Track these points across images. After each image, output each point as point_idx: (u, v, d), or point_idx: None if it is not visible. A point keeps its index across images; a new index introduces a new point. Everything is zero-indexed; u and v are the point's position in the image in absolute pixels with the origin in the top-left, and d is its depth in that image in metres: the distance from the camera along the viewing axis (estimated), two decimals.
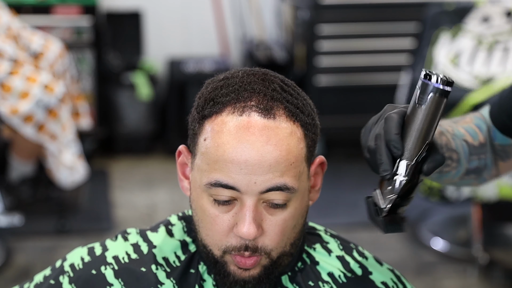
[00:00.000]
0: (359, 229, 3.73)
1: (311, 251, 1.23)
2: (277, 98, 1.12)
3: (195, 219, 1.17)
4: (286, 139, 1.10)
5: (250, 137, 1.09)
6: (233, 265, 1.14)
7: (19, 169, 3.80)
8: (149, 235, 1.25)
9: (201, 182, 1.12)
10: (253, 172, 1.09)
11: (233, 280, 1.14)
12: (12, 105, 3.32)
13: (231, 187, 1.09)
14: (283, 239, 1.13)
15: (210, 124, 1.12)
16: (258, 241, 1.12)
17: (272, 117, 1.10)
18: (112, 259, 1.22)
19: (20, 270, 3.39)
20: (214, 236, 1.13)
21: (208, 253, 1.16)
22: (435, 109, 1.07)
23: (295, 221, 1.14)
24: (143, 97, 4.68)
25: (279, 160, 1.09)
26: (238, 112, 1.10)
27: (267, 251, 1.13)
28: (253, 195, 1.10)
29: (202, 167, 1.12)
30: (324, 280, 1.21)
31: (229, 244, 1.12)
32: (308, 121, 1.14)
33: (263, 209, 1.11)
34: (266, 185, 1.09)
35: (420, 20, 3.75)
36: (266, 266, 1.14)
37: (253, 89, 1.12)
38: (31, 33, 3.74)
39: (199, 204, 1.14)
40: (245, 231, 1.09)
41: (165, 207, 4.09)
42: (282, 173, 1.10)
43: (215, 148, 1.10)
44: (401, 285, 1.25)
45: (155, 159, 4.75)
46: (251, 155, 1.08)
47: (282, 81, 1.16)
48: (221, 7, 4.98)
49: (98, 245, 1.26)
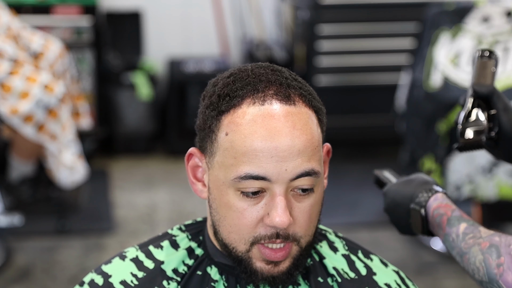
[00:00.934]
0: (359, 229, 3.74)
1: (318, 247, 1.24)
2: (293, 86, 1.13)
3: (215, 219, 1.15)
4: (309, 124, 1.11)
5: (277, 124, 1.09)
6: (260, 261, 1.12)
7: (19, 169, 3.80)
8: (153, 251, 1.22)
9: (227, 178, 1.11)
10: (283, 159, 1.08)
11: (261, 278, 1.13)
12: (12, 105, 3.32)
13: (262, 177, 1.09)
14: (310, 226, 1.14)
15: (229, 118, 1.11)
16: (289, 229, 1.11)
17: (293, 104, 1.11)
18: (120, 285, 1.19)
19: (20, 270, 3.39)
20: (240, 231, 1.12)
21: (230, 252, 1.14)
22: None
23: (319, 207, 1.15)
24: (143, 97, 4.68)
25: (307, 144, 1.10)
26: (260, 102, 1.11)
27: (297, 238, 1.12)
28: (283, 183, 1.09)
29: (227, 162, 1.11)
30: (329, 273, 1.21)
31: (257, 234, 1.11)
32: (320, 106, 1.16)
33: (292, 197, 1.11)
34: (296, 172, 1.09)
35: (420, 20, 3.75)
36: (295, 257, 1.13)
37: (268, 80, 1.13)
38: (31, 33, 3.74)
39: (223, 201, 1.12)
40: (278, 220, 1.09)
41: (165, 207, 4.09)
42: (309, 158, 1.10)
43: (242, 139, 1.09)
44: (405, 286, 1.25)
45: (155, 159, 4.74)
46: (281, 141, 1.08)
47: (289, 71, 1.18)
48: (221, 7, 4.98)
49: (96, 275, 1.21)
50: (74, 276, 3.31)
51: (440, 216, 1.28)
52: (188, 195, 4.13)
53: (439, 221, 1.28)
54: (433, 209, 1.30)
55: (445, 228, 1.26)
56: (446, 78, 3.30)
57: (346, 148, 4.76)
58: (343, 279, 1.20)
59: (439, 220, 1.28)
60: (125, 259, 1.21)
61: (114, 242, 3.65)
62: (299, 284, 1.19)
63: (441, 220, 1.28)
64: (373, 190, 4.19)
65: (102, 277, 1.20)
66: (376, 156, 4.68)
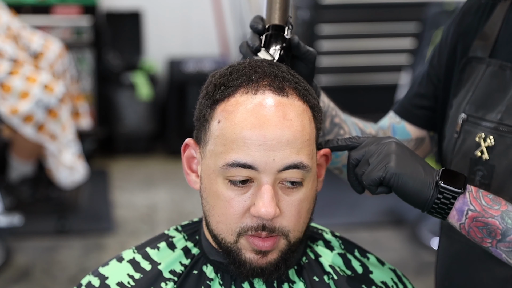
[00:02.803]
0: (359, 229, 3.74)
1: (314, 246, 1.24)
2: (288, 79, 1.13)
3: (206, 209, 1.15)
4: (301, 116, 1.11)
5: (268, 113, 1.09)
6: (249, 251, 1.12)
7: (19, 169, 3.80)
8: (150, 252, 1.22)
9: (216, 165, 1.11)
10: (271, 148, 1.08)
11: (250, 268, 1.12)
12: (12, 105, 3.32)
13: (250, 165, 1.09)
14: (299, 221, 1.13)
15: (222, 107, 1.12)
16: (275, 221, 1.11)
17: (285, 95, 1.11)
18: (117, 286, 1.19)
19: (20, 270, 3.39)
20: (227, 220, 1.12)
21: (220, 242, 1.14)
22: None
23: (309, 204, 1.14)
24: (143, 97, 4.68)
25: (296, 135, 1.10)
26: (252, 91, 1.11)
27: (285, 232, 1.12)
28: (270, 174, 1.09)
29: (217, 150, 1.11)
30: (326, 271, 1.21)
31: (244, 225, 1.11)
32: (315, 103, 1.16)
33: (279, 190, 1.11)
34: (284, 163, 1.09)
35: (420, 20, 3.75)
36: (283, 251, 1.13)
37: (264, 71, 1.13)
38: (31, 33, 3.74)
39: (212, 190, 1.13)
40: (264, 211, 1.08)
41: (165, 207, 4.09)
42: (298, 150, 1.10)
43: (232, 127, 1.10)
44: (401, 285, 1.25)
45: (155, 159, 4.74)
46: (270, 130, 1.08)
47: (288, 67, 1.18)
48: (221, 7, 4.98)
49: (93, 277, 1.21)
50: (74, 276, 3.31)
51: (494, 195, 1.17)
52: (188, 195, 4.13)
53: (492, 197, 1.15)
54: (475, 187, 1.17)
55: (507, 205, 1.15)
56: None
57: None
58: (339, 277, 1.20)
59: (492, 197, 1.16)
60: (122, 261, 1.22)
61: (114, 242, 3.66)
62: (294, 282, 1.19)
63: (495, 197, 1.16)
64: None
65: (99, 279, 1.20)
66: None
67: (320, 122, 1.17)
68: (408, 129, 1.42)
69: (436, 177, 1.14)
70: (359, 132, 1.38)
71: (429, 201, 1.13)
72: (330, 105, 1.35)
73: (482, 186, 1.25)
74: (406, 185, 1.13)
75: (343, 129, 1.36)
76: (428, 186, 1.13)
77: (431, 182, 1.13)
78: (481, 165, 1.26)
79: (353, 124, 1.39)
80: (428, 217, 3.86)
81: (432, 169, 1.16)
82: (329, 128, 1.34)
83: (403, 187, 1.13)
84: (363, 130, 1.40)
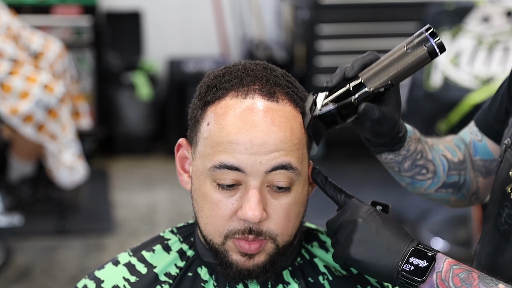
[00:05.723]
0: None
1: (309, 247, 1.24)
2: (280, 84, 1.13)
3: (195, 210, 1.16)
4: (290, 121, 1.11)
5: (255, 118, 1.09)
6: (236, 253, 1.12)
7: (19, 169, 3.80)
8: (145, 255, 1.22)
9: (205, 167, 1.12)
10: (258, 152, 1.08)
11: (237, 271, 1.13)
12: (12, 105, 3.32)
13: (236, 168, 1.09)
14: (288, 225, 1.13)
15: (213, 109, 1.12)
16: (262, 225, 1.11)
17: (275, 100, 1.12)
18: None
19: (20, 270, 3.39)
20: (215, 222, 1.12)
21: (208, 243, 1.14)
22: (417, 60, 1.16)
23: (298, 208, 1.14)
24: (143, 97, 4.68)
25: (284, 140, 1.10)
26: (242, 95, 1.11)
27: (272, 236, 1.12)
28: (258, 177, 1.09)
29: (206, 152, 1.12)
30: (321, 271, 1.21)
31: (232, 227, 1.11)
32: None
33: (267, 193, 1.11)
34: (271, 164, 1.09)
35: (420, 20, 3.75)
36: (271, 254, 1.13)
37: (256, 75, 1.13)
38: (31, 33, 3.74)
39: (201, 191, 1.13)
40: (250, 214, 1.08)
41: (165, 207, 4.08)
42: (286, 153, 1.10)
43: (219, 130, 1.10)
44: None
45: (155, 159, 4.74)
46: (256, 135, 1.08)
47: (283, 72, 1.18)
48: (221, 7, 4.98)
49: (89, 280, 1.21)
50: (74, 276, 3.31)
51: (467, 272, 1.09)
52: (188, 195, 4.10)
53: (464, 277, 1.09)
54: (448, 263, 1.10)
55: (479, 285, 1.08)
56: (446, 78, 3.30)
57: (346, 148, 4.76)
58: (334, 277, 1.20)
59: (464, 276, 1.09)
60: (118, 265, 1.22)
61: (114, 242, 3.65)
62: (288, 283, 1.19)
63: (468, 275, 1.09)
64: (373, 190, 4.19)
65: (94, 282, 1.20)
66: None
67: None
68: (490, 147, 1.33)
69: (402, 259, 1.08)
70: (446, 169, 1.31)
71: (394, 281, 1.09)
72: (416, 150, 1.28)
73: (506, 225, 1.19)
74: (368, 270, 1.10)
75: (426, 169, 1.29)
76: (391, 269, 1.09)
77: (394, 266, 1.08)
78: (509, 201, 1.20)
79: (441, 159, 1.31)
80: (428, 217, 3.86)
81: (401, 246, 1.09)
82: (407, 168, 1.29)
83: (366, 271, 1.11)
84: (450, 163, 1.32)
